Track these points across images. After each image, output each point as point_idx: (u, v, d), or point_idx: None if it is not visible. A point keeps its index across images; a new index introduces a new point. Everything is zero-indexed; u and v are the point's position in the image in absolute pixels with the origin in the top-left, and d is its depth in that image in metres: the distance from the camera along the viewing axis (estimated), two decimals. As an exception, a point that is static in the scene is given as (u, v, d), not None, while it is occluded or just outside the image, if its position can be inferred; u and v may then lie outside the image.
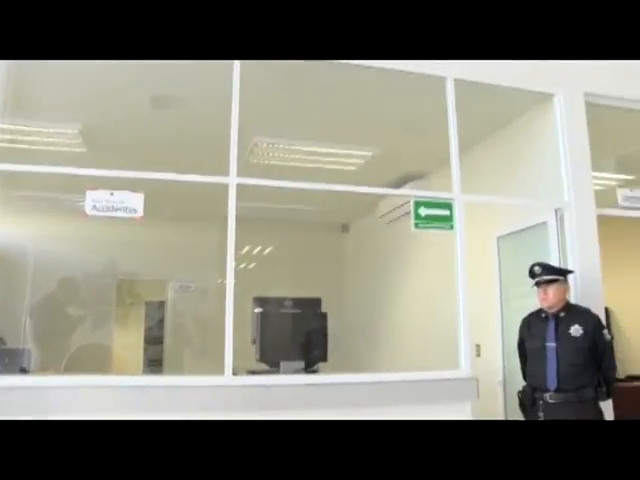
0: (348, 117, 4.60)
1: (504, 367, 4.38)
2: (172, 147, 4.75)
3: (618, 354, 7.29)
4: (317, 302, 3.94)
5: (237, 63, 3.46)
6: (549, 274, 3.39)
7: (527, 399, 3.37)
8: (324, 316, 3.80)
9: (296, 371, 3.47)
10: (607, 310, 7.50)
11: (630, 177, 5.47)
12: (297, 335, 3.77)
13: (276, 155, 5.31)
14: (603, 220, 4.20)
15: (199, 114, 4.35)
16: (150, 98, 4.21)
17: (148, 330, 8.25)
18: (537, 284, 3.41)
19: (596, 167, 4.85)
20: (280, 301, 3.88)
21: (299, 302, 3.88)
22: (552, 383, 3.24)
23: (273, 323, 3.79)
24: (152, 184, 3.35)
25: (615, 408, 4.26)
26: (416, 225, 3.52)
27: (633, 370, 7.02)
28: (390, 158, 5.41)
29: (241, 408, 3.03)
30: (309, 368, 3.59)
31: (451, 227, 3.61)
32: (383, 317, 6.74)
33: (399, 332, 6.40)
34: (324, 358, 3.68)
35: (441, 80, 3.86)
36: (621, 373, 7.08)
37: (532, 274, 3.42)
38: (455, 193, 3.67)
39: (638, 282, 6.70)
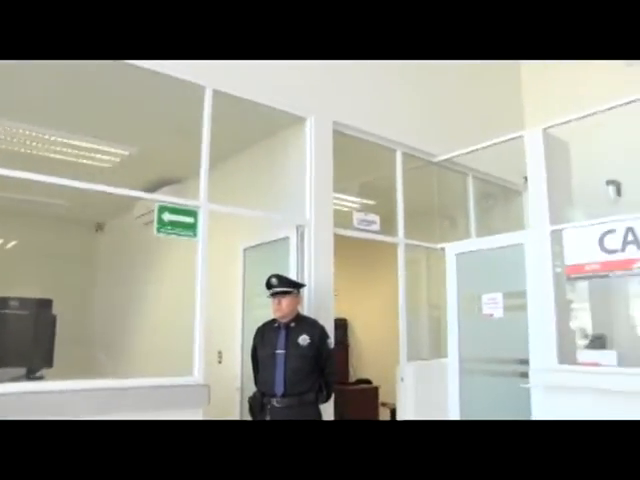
0: (107, 113, 4.37)
1: (242, 374, 4.51)
2: None
3: (353, 360, 8.13)
4: (48, 303, 3.62)
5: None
6: (284, 286, 3.59)
7: (256, 404, 3.52)
8: (53, 319, 3.52)
9: (14, 378, 3.16)
10: (345, 321, 8.33)
11: (371, 202, 6.10)
12: (20, 339, 3.45)
13: (20, 142, 4.83)
14: (346, 239, 4.61)
15: None
16: None
17: None
18: (273, 295, 3.59)
19: (342, 190, 5.32)
20: (4, 301, 3.49)
21: (26, 303, 3.54)
22: (279, 389, 3.43)
23: (-7, 325, 3.40)
24: None
25: (345, 407, 4.70)
26: (158, 230, 3.46)
27: (363, 374, 7.76)
28: (148, 159, 5.29)
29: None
30: (32, 374, 3.30)
31: (194, 235, 3.62)
32: (130, 321, 6.51)
33: (143, 337, 6.25)
34: (49, 364, 3.42)
35: (201, 89, 3.86)
36: (353, 377, 7.85)
37: (269, 285, 3.59)
38: (201, 201, 3.69)
39: (372, 296, 7.46)
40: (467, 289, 4.82)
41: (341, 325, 8.17)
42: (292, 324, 3.60)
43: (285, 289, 3.58)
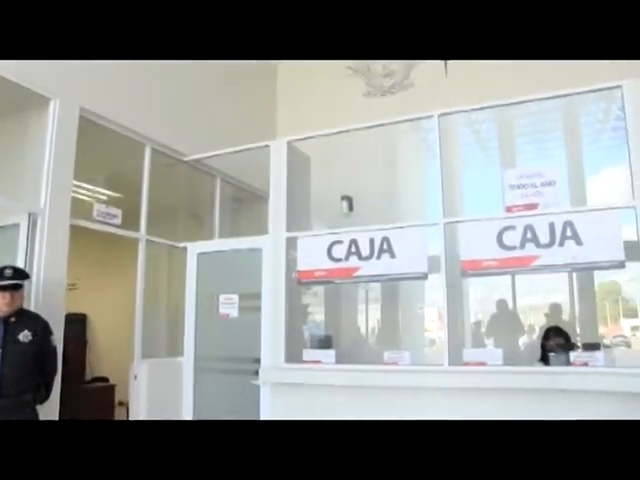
0: None
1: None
2: None
3: (91, 357, 7.69)
4: None
5: None
6: (19, 279, 3.30)
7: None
8: None
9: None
10: (84, 316, 7.86)
11: (118, 195, 5.83)
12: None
13: None
14: (90, 231, 4.39)
15: None
16: None
17: None
18: (3, 288, 3.23)
19: (88, 180, 5.01)
20: None
21: None
22: (-6, 389, 3.10)
23: None
24: None
25: (79, 407, 4.42)
26: None
27: (101, 372, 7.41)
28: None
29: None
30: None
31: None
32: None
33: None
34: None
35: None
36: (90, 375, 7.44)
37: (2, 276, 3.23)
38: None
39: (113, 291, 7.15)
40: (207, 289, 4.91)
41: (80, 320, 7.70)
42: (12, 319, 3.28)
43: (19, 282, 3.29)
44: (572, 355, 3.51)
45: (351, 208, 5.55)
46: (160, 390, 4.73)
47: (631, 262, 3.56)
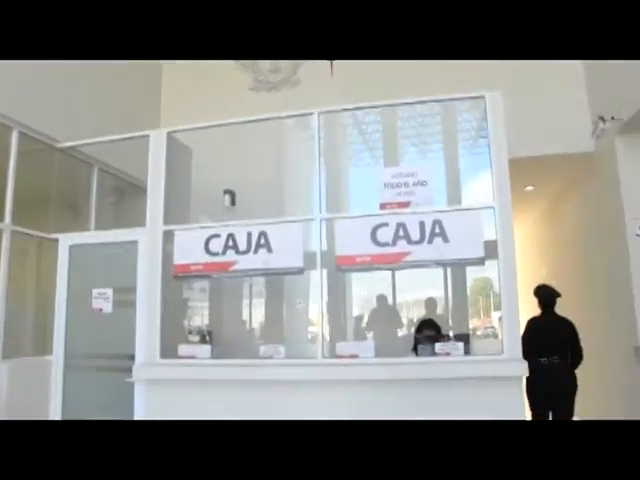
0: None
1: None
2: None
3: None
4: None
5: None
6: None
7: None
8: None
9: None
10: None
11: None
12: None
13: None
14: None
15: None
16: None
17: None
18: None
19: None
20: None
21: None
22: None
23: None
24: None
25: None
26: None
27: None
28: None
29: None
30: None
31: None
32: None
33: None
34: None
35: None
36: None
37: None
38: None
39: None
40: (80, 283, 4.65)
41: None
42: None
43: None
44: (437, 346, 3.71)
45: (233, 203, 5.48)
46: (24, 391, 4.44)
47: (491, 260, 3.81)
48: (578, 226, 7.58)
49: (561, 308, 5.15)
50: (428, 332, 4.25)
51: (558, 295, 5.28)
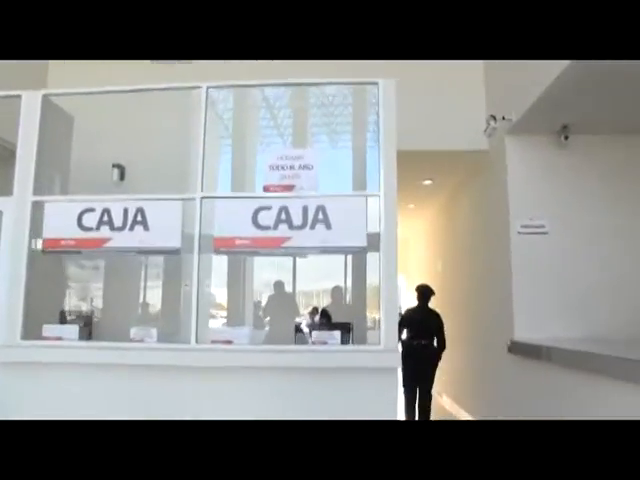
0: None
1: None
2: None
3: None
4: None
5: None
6: None
7: None
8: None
9: None
10: None
11: None
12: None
13: None
14: None
15: None
16: None
17: None
18: None
19: None
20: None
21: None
22: None
23: None
24: None
25: None
26: None
27: None
28: None
29: None
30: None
31: None
32: None
33: None
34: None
35: None
36: None
37: None
38: None
39: None
40: None
41: None
42: None
43: None
44: (313, 334, 3.65)
45: (122, 177, 5.19)
46: None
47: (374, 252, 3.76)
48: (470, 222, 7.81)
49: (451, 302, 5.28)
50: (318, 320, 4.22)
51: (432, 293, 7.14)
